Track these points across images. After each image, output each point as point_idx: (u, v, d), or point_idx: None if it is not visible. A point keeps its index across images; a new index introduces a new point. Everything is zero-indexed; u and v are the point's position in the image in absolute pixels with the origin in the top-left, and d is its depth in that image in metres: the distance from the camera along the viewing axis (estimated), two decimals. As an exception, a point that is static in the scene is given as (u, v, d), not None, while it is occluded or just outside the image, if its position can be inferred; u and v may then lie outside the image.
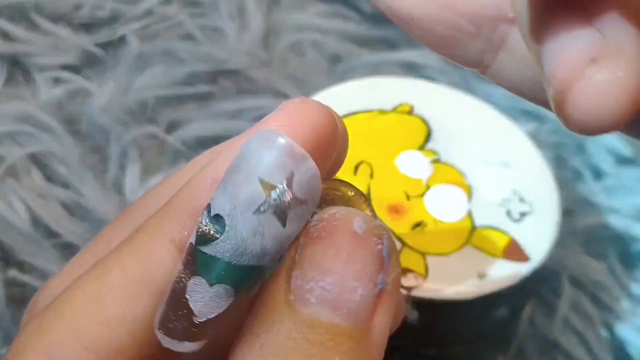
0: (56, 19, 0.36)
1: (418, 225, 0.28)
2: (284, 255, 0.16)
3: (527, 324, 0.31)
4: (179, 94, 0.35)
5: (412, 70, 0.38)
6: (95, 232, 0.30)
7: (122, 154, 0.33)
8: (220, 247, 0.15)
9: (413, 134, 0.31)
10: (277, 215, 0.15)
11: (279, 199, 0.15)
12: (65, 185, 0.31)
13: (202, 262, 0.15)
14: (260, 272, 0.15)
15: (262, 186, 0.15)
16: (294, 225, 0.15)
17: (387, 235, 0.16)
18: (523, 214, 0.29)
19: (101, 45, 0.36)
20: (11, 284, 0.28)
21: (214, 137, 0.34)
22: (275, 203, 0.15)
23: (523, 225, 0.28)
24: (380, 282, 0.15)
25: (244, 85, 0.36)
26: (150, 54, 0.36)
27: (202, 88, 0.36)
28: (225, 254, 0.15)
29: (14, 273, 0.29)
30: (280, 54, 0.38)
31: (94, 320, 0.16)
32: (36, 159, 0.32)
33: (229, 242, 0.15)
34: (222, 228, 0.15)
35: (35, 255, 0.29)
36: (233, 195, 0.15)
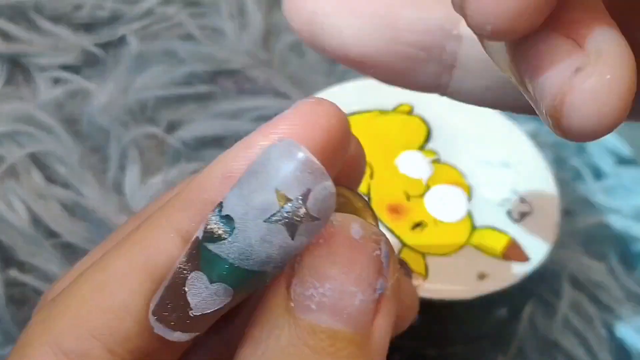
0: (56, 19, 0.36)
1: (418, 225, 0.28)
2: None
3: (527, 324, 0.31)
4: (179, 94, 0.35)
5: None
6: (95, 232, 0.30)
7: (122, 154, 0.32)
8: (226, 248, 0.15)
9: (413, 134, 0.31)
10: (287, 227, 0.15)
11: (292, 212, 0.14)
12: (65, 185, 0.31)
13: (206, 258, 0.15)
14: (262, 277, 0.15)
15: (277, 196, 0.14)
16: (303, 238, 0.15)
17: (384, 241, 0.16)
18: (523, 214, 0.28)
19: (101, 45, 0.36)
20: (11, 284, 0.28)
21: (214, 137, 0.34)
22: (288, 215, 0.15)
23: (523, 225, 0.28)
24: (380, 287, 0.15)
25: (244, 85, 0.36)
26: (150, 54, 0.36)
27: (202, 88, 0.36)
28: (230, 255, 0.15)
29: (14, 273, 0.29)
30: (280, 54, 0.38)
31: (99, 309, 0.16)
32: (36, 159, 0.32)
33: (236, 244, 0.15)
34: (231, 229, 0.15)
35: (35, 255, 0.29)
36: (247, 199, 0.15)
